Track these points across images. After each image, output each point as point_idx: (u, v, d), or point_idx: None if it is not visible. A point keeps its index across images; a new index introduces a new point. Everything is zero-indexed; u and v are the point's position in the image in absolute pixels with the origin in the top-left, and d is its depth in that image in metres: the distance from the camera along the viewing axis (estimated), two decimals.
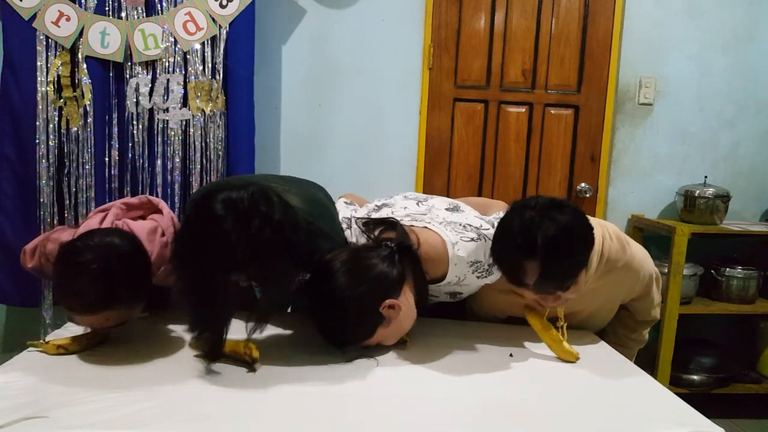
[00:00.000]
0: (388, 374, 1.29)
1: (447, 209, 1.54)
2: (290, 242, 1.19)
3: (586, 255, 1.36)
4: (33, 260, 1.54)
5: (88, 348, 1.33)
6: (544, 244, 1.26)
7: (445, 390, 1.23)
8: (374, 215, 1.55)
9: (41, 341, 1.31)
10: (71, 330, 1.40)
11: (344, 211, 1.62)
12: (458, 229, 1.42)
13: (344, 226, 1.55)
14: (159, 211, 1.57)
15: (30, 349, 1.31)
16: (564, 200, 1.38)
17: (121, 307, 1.29)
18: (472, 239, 1.41)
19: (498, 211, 1.65)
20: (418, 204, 1.59)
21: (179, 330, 1.46)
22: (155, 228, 1.48)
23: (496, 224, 1.46)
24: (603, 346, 1.56)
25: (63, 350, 1.30)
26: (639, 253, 1.57)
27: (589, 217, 1.46)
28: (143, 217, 1.57)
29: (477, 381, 1.28)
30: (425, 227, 1.44)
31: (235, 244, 1.12)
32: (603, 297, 1.59)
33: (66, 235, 1.45)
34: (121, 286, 1.25)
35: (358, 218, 1.53)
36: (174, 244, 1.24)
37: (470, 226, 1.45)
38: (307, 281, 1.39)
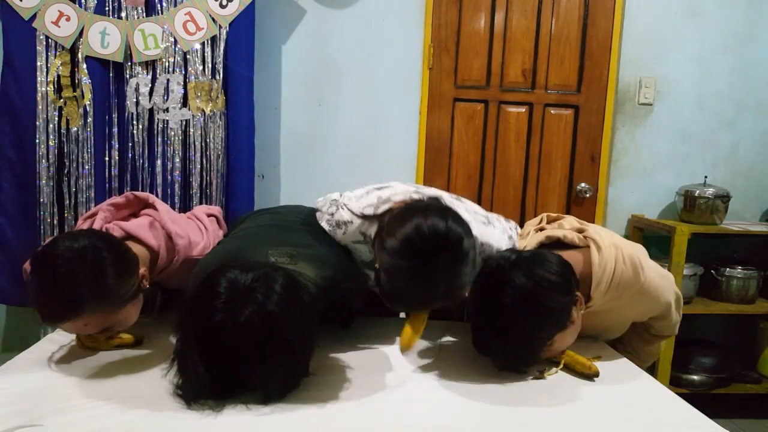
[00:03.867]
0: (386, 376, 1.29)
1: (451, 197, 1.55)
2: (281, 336, 1.10)
3: (550, 330, 1.29)
4: None
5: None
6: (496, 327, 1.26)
7: (444, 392, 1.23)
8: (375, 193, 1.49)
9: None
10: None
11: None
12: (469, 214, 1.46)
13: (327, 216, 1.51)
14: (149, 205, 1.53)
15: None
16: (542, 256, 1.33)
17: (93, 311, 1.18)
18: (483, 222, 1.49)
19: None
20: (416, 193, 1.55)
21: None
22: (152, 222, 1.45)
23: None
24: (605, 348, 1.56)
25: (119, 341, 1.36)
26: (655, 279, 1.44)
27: (603, 236, 1.41)
28: (135, 215, 1.54)
29: (477, 382, 1.27)
30: None
31: (223, 324, 1.07)
32: (615, 317, 1.53)
33: None
34: (84, 288, 1.15)
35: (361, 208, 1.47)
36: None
37: (477, 212, 1.53)
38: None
